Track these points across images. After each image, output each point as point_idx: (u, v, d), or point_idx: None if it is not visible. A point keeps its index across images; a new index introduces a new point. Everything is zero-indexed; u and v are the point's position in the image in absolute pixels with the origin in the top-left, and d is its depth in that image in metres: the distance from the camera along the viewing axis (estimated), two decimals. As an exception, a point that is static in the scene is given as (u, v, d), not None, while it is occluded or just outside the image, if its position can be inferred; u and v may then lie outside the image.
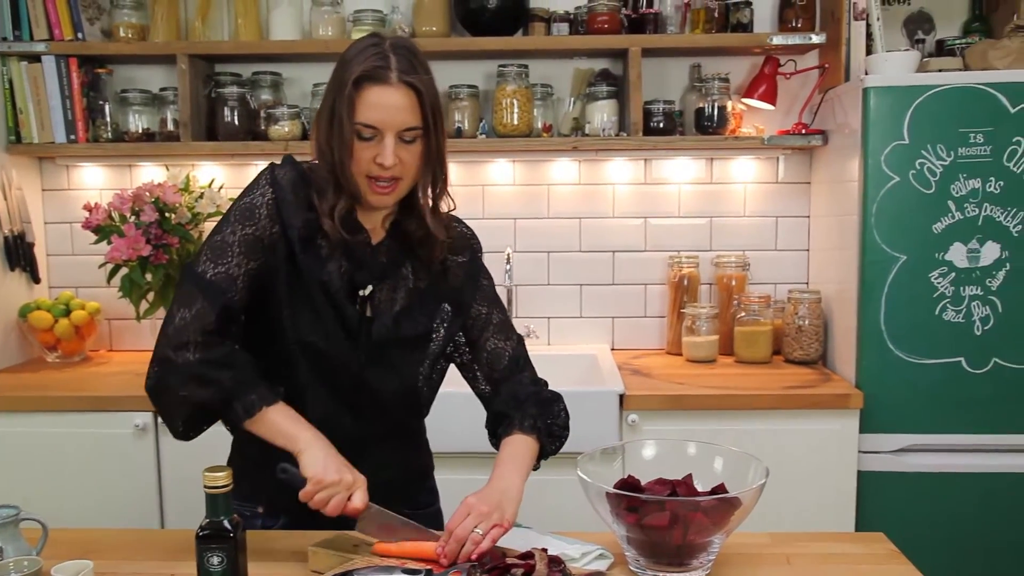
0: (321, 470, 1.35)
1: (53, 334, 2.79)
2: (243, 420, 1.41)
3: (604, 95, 2.77)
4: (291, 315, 1.48)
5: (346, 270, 1.49)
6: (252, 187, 1.49)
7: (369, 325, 1.52)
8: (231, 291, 1.44)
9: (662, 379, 2.56)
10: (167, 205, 2.61)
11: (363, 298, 1.51)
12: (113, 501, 2.43)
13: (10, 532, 1.36)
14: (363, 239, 1.51)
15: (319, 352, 1.49)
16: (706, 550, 1.34)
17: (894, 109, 2.36)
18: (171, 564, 1.41)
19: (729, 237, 2.95)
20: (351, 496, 1.36)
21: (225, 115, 2.77)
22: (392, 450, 1.52)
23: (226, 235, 1.45)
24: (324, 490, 1.35)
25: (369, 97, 1.39)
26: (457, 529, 1.35)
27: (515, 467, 1.48)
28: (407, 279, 1.55)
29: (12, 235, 2.77)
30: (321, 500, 1.35)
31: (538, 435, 1.53)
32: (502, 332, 1.64)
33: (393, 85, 1.39)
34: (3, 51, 2.75)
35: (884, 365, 2.40)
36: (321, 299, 1.48)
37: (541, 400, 1.59)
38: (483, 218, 2.95)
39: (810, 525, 2.31)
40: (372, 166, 1.42)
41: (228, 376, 1.41)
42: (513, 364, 1.63)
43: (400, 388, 1.56)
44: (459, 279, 1.61)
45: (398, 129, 1.41)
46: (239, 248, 1.44)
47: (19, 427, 2.42)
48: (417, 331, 1.55)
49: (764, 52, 2.79)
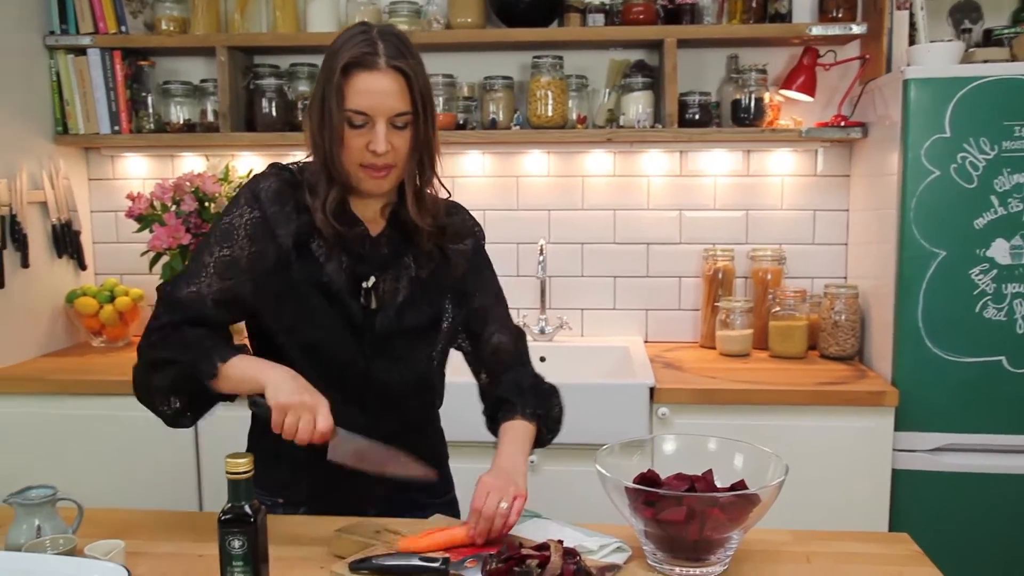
0: (280, 396, 1.35)
1: (98, 319, 2.86)
2: (210, 381, 1.41)
3: (639, 86, 2.75)
4: (290, 323, 1.50)
5: (347, 265, 1.51)
6: (232, 206, 1.50)
7: (373, 318, 1.52)
8: (202, 308, 1.46)
9: (694, 373, 2.54)
10: (206, 195, 2.66)
11: (367, 290, 1.52)
12: (153, 483, 2.49)
13: (47, 511, 1.41)
14: (361, 231, 1.52)
15: (324, 354, 1.50)
16: (723, 546, 1.34)
17: (935, 101, 2.32)
18: (201, 545, 1.45)
19: (765, 230, 2.92)
20: (315, 419, 1.36)
21: (263, 106, 2.81)
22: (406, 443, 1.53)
23: (204, 256, 1.48)
24: (288, 415, 1.35)
25: (358, 83, 1.40)
26: (484, 508, 1.37)
27: (518, 448, 1.50)
28: (409, 268, 1.55)
29: (60, 223, 2.85)
30: (290, 427, 1.35)
31: (538, 423, 1.56)
32: (505, 327, 1.66)
33: (382, 70, 1.40)
34: (51, 44, 2.82)
35: (921, 362, 2.36)
36: (322, 301, 1.49)
37: (541, 391, 1.61)
38: (517, 209, 2.96)
39: (842, 524, 2.28)
40: (365, 154, 1.43)
41: (183, 352, 1.42)
42: (516, 359, 1.65)
43: (409, 380, 1.58)
44: (461, 267, 1.62)
45: (389, 115, 1.41)
46: (212, 269, 1.47)
47: (64, 409, 2.50)
48: (421, 321, 1.56)
49: (803, 43, 2.75)
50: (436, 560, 1.30)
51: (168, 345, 1.44)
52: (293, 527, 1.51)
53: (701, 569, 1.34)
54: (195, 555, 1.42)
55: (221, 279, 1.47)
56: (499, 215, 2.97)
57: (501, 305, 1.68)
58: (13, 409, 2.51)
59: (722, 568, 1.35)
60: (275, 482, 1.55)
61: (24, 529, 1.38)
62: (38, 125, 2.80)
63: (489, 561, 1.29)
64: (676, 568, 1.34)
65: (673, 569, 1.34)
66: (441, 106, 2.78)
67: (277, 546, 1.34)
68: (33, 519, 1.39)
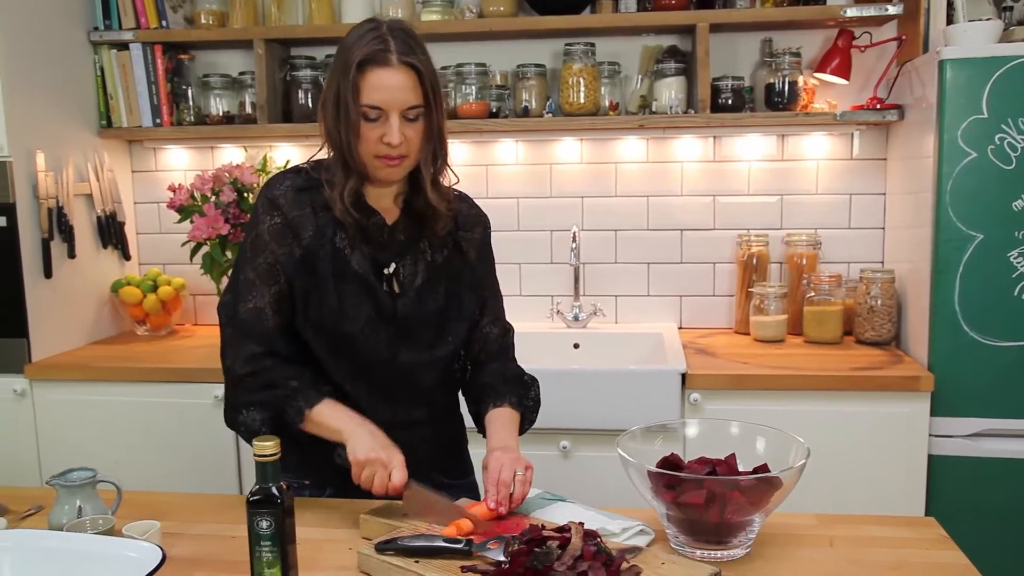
0: (359, 452, 1.44)
1: (142, 308, 2.94)
2: (296, 426, 1.52)
3: (672, 72, 2.74)
4: (318, 319, 1.56)
5: (368, 254, 1.57)
6: (253, 218, 1.58)
7: (395, 303, 1.58)
8: (264, 321, 1.55)
9: (727, 358, 2.54)
10: (244, 185, 2.71)
11: (388, 276, 1.58)
12: (194, 467, 2.56)
13: (88, 493, 1.47)
14: (378, 221, 1.58)
15: (352, 347, 1.56)
16: (745, 529, 1.35)
17: (972, 82, 2.28)
18: (234, 527, 1.49)
19: (800, 215, 2.89)
20: (391, 474, 1.44)
21: (300, 97, 2.85)
22: (428, 429, 1.58)
23: (246, 272, 1.56)
24: (365, 470, 1.44)
25: (372, 79, 1.46)
26: (502, 477, 1.44)
27: (511, 433, 1.59)
28: (425, 253, 1.62)
29: (105, 215, 2.93)
30: (366, 480, 1.44)
31: (523, 412, 1.64)
32: (498, 320, 1.73)
33: (394, 66, 1.46)
34: (95, 40, 2.90)
35: (958, 347, 2.33)
36: (352, 291, 1.55)
37: (524, 383, 1.68)
38: (550, 197, 2.98)
39: (878, 510, 2.25)
40: (379, 145, 1.48)
41: (274, 395, 1.52)
42: (501, 350, 1.72)
43: (432, 368, 1.63)
44: (472, 254, 1.68)
45: (401, 108, 1.47)
46: (258, 281, 1.55)
47: (109, 395, 2.58)
48: (439, 304, 1.62)
49: (838, 25, 2.72)
50: (460, 541, 1.32)
51: (256, 388, 1.53)
52: (321, 509, 1.55)
53: (723, 552, 1.35)
54: (228, 536, 1.47)
55: (268, 286, 1.55)
56: (532, 203, 2.98)
57: (497, 299, 1.75)
58: (61, 395, 2.59)
59: (744, 551, 1.36)
60: (301, 465, 1.60)
61: (66, 510, 1.44)
62: (83, 119, 2.88)
63: (511, 542, 1.31)
64: (698, 551, 1.35)
65: (695, 552, 1.35)
66: (474, 95, 2.80)
67: (305, 527, 1.37)
68: (74, 500, 1.44)
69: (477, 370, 1.70)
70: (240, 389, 1.55)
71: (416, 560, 1.30)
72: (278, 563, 1.22)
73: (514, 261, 2.99)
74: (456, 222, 1.65)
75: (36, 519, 1.55)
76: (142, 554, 1.24)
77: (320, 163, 1.59)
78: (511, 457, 1.48)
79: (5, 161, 2.52)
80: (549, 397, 1.86)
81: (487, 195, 2.97)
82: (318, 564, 1.36)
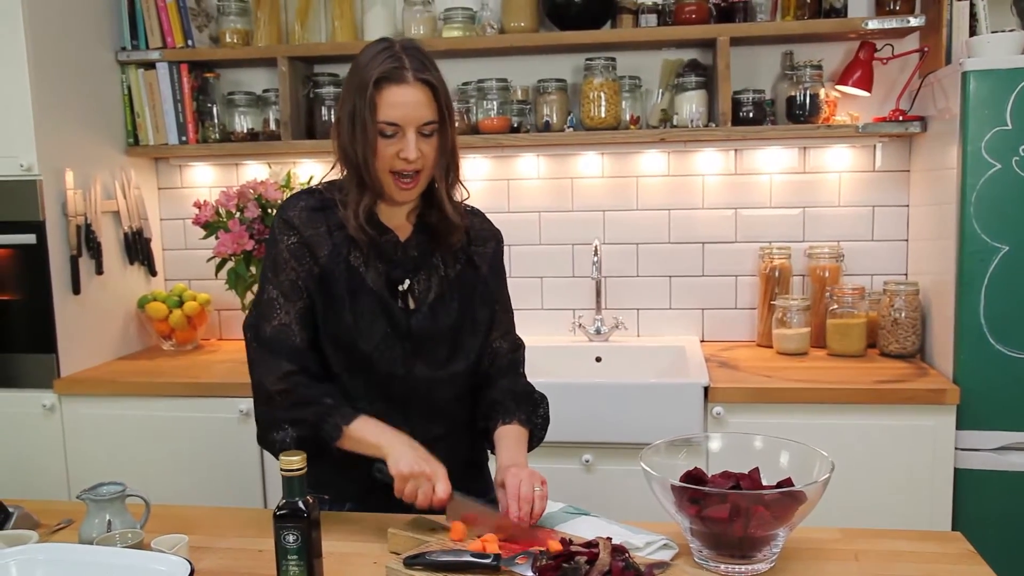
0: (402, 466, 1.45)
1: (168, 324, 2.98)
2: (333, 444, 1.52)
3: (693, 86, 2.75)
4: (335, 333, 1.58)
5: (383, 271, 1.59)
6: (270, 241, 1.60)
7: (410, 319, 1.60)
8: (292, 337, 1.56)
9: (750, 372, 2.53)
10: (269, 201, 2.74)
11: (403, 293, 1.60)
12: (219, 481, 2.58)
13: (117, 507, 1.48)
14: (391, 238, 1.60)
15: (370, 364, 1.58)
16: (769, 543, 1.34)
17: (996, 93, 2.27)
18: (260, 541, 1.51)
19: (823, 228, 2.88)
20: (435, 487, 1.45)
21: (323, 114, 2.88)
22: (446, 444, 1.59)
23: (269, 291, 1.58)
24: (408, 484, 1.45)
25: (389, 97, 1.48)
26: (522, 492, 1.46)
27: (521, 451, 1.60)
28: (438, 268, 1.64)
29: (131, 231, 2.97)
30: (410, 493, 1.46)
31: (532, 430, 1.64)
32: (508, 334, 1.74)
33: (410, 84, 1.49)
34: (122, 60, 2.94)
35: (983, 360, 2.31)
36: (368, 308, 1.57)
37: (533, 400, 1.69)
38: (572, 210, 2.99)
39: (903, 525, 2.24)
40: (396, 161, 1.51)
41: (309, 412, 1.53)
42: (511, 366, 1.72)
43: (449, 383, 1.64)
44: (485, 268, 1.69)
45: (418, 124, 1.50)
46: (282, 299, 1.57)
47: (135, 410, 2.60)
48: (453, 319, 1.63)
49: (859, 37, 2.71)
50: (488, 556, 1.33)
51: (291, 405, 1.54)
52: (346, 523, 1.56)
53: (747, 566, 1.35)
54: (255, 550, 1.48)
55: (293, 303, 1.57)
56: (554, 216, 2.99)
57: (508, 313, 1.75)
58: (89, 410, 2.63)
59: (769, 565, 1.36)
60: (322, 479, 1.60)
61: (96, 523, 1.46)
62: (111, 137, 2.93)
63: (539, 558, 1.31)
64: (722, 565, 1.35)
65: (719, 566, 1.35)
66: (496, 110, 2.82)
67: (331, 541, 1.39)
68: (104, 514, 1.46)
69: (487, 385, 1.70)
70: (274, 406, 1.56)
71: (444, 575, 1.30)
72: (305, 576, 1.23)
73: (536, 275, 3.00)
74: (468, 237, 1.68)
75: (66, 533, 1.58)
76: (171, 567, 1.26)
77: (333, 183, 1.62)
78: (528, 472, 1.50)
79: (35, 179, 2.57)
80: (571, 410, 1.87)
81: (508, 209, 2.99)
82: (344, 578, 1.37)
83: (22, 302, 2.63)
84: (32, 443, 2.65)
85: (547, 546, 1.34)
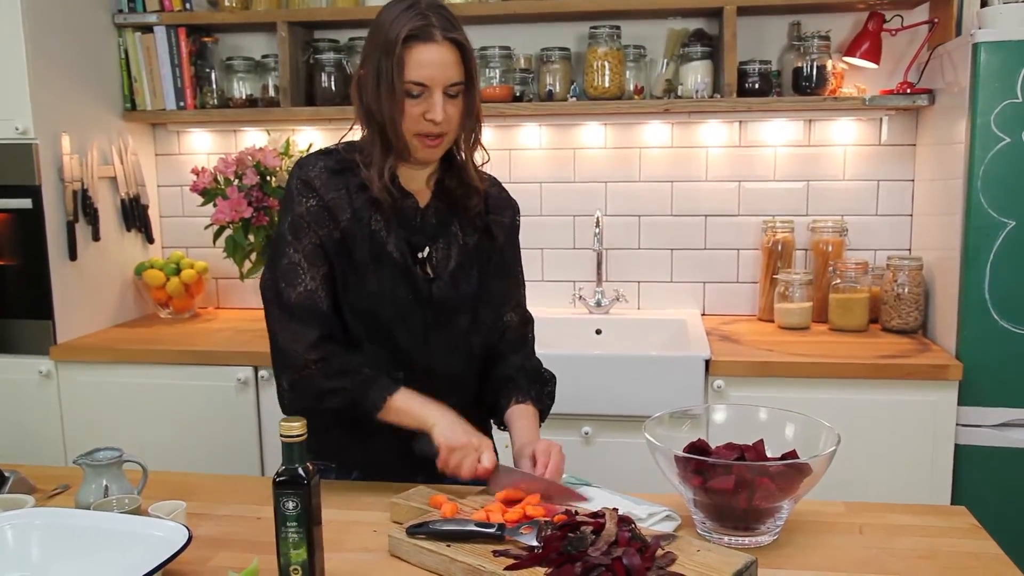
0: (450, 438, 1.45)
1: (165, 291, 2.95)
2: (375, 415, 1.49)
3: (698, 56, 2.71)
4: (355, 301, 1.54)
5: (403, 237, 1.55)
6: (288, 201, 1.54)
7: (430, 287, 1.56)
8: (319, 303, 1.51)
9: (751, 345, 2.52)
10: (267, 169, 2.71)
11: (423, 260, 1.57)
12: (216, 449, 2.57)
13: (114, 473, 1.47)
14: (412, 203, 1.56)
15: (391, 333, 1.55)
16: (773, 516, 1.33)
17: (1007, 65, 2.24)
18: (258, 508, 1.49)
19: (827, 201, 2.86)
20: (480, 458, 1.45)
21: (323, 81, 2.84)
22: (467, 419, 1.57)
23: (290, 255, 1.51)
24: (454, 454, 1.44)
25: (417, 55, 1.43)
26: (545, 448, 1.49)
27: (536, 431, 1.62)
28: (457, 236, 1.60)
29: (128, 198, 2.94)
30: (456, 464, 1.45)
31: (542, 409, 1.65)
32: (519, 308, 1.72)
33: (439, 42, 1.44)
34: (119, 23, 2.90)
35: (987, 336, 2.30)
36: (389, 275, 1.53)
37: (543, 379, 1.69)
38: (574, 181, 2.96)
39: (903, 498, 2.25)
40: (422, 122, 1.46)
41: (349, 381, 1.49)
42: (521, 341, 1.71)
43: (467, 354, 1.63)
44: (501, 238, 1.66)
45: (445, 84, 1.45)
46: (306, 263, 1.51)
47: (133, 378, 2.59)
48: (473, 288, 1.60)
49: (868, 8, 2.67)
50: (492, 526, 1.32)
51: (331, 374, 1.50)
52: (347, 491, 1.55)
53: (751, 538, 1.34)
54: (253, 517, 1.47)
55: (317, 268, 1.52)
56: (556, 187, 2.96)
57: (520, 286, 1.73)
58: (86, 377, 2.61)
59: (772, 538, 1.35)
60: (329, 447, 1.59)
61: (92, 489, 1.44)
62: (107, 102, 2.89)
63: (544, 527, 1.30)
64: (725, 537, 1.34)
65: (723, 538, 1.34)
66: (498, 78, 2.78)
67: (331, 509, 1.37)
68: (101, 480, 1.45)
69: (497, 359, 1.68)
70: (311, 375, 1.50)
71: (448, 544, 1.29)
72: (304, 543, 1.21)
73: (536, 246, 2.98)
74: (487, 204, 1.64)
75: (63, 498, 1.56)
76: (168, 533, 1.25)
77: (352, 144, 1.57)
78: (545, 442, 1.53)
79: (31, 143, 2.53)
80: (571, 383, 1.85)
81: (510, 179, 2.91)
82: (344, 545, 1.36)
83: (18, 267, 2.61)
84: (28, 409, 2.63)
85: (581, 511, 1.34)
